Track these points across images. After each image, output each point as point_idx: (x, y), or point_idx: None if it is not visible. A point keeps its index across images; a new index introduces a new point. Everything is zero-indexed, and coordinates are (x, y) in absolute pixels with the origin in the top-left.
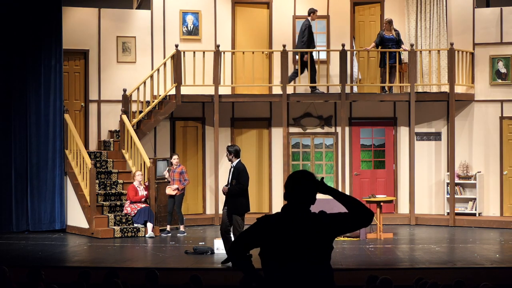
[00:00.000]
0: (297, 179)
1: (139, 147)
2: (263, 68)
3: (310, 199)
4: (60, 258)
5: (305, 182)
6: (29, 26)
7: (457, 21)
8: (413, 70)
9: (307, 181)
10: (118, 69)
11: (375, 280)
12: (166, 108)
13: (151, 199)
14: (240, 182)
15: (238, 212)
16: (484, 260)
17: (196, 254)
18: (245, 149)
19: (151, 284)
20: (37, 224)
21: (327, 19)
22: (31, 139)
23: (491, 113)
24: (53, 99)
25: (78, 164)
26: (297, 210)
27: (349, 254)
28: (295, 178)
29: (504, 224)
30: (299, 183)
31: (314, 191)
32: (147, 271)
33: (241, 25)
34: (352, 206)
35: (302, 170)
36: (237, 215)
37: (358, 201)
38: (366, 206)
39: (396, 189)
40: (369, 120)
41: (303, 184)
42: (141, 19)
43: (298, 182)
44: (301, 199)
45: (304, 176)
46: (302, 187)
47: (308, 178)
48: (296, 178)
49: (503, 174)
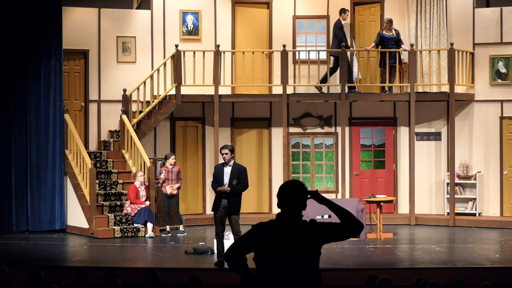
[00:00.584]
0: (287, 189)
1: (139, 147)
2: (263, 68)
3: (300, 207)
4: (60, 258)
5: (294, 192)
6: (29, 26)
7: (457, 21)
8: (413, 70)
9: (296, 191)
10: (118, 69)
11: (375, 280)
12: (166, 108)
13: (151, 199)
14: (244, 181)
15: (238, 212)
16: (484, 260)
17: (196, 254)
18: (245, 149)
19: (151, 284)
20: (37, 224)
21: (327, 19)
22: (31, 139)
23: (491, 113)
24: (53, 99)
25: (78, 164)
26: (288, 218)
27: (349, 254)
28: (285, 188)
29: (504, 224)
30: (288, 193)
31: (303, 200)
32: (147, 271)
33: (241, 25)
34: (344, 217)
35: (292, 180)
36: (237, 214)
37: (350, 213)
38: (357, 218)
39: (396, 189)
40: (369, 120)
41: (292, 194)
42: (141, 19)
43: (288, 192)
44: (291, 208)
45: (293, 187)
46: (292, 196)
47: (296, 188)
48: (286, 188)
49: (503, 174)
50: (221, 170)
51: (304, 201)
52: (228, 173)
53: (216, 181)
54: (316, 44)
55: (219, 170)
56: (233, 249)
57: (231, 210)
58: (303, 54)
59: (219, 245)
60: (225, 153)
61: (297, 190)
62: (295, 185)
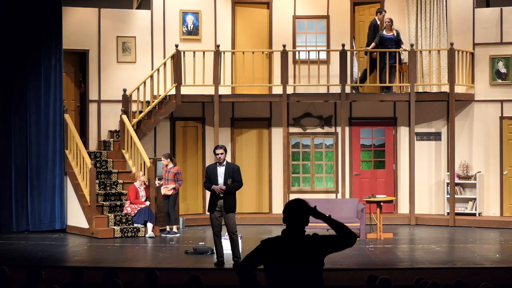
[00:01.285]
0: (291, 207)
1: (139, 147)
2: (263, 68)
3: (303, 223)
4: (60, 258)
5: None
6: (29, 26)
7: (457, 21)
8: (413, 70)
9: (299, 208)
10: (118, 69)
11: (375, 280)
12: (166, 108)
13: (151, 199)
14: (238, 179)
15: (234, 210)
16: (484, 260)
17: (196, 254)
18: (245, 149)
19: (151, 284)
20: (37, 224)
21: (327, 19)
22: (31, 139)
23: (491, 113)
24: (53, 99)
25: (78, 164)
26: (293, 233)
27: (349, 254)
28: (289, 206)
29: (504, 224)
30: (292, 210)
31: (306, 217)
32: (147, 271)
33: (241, 25)
34: (340, 230)
35: (296, 199)
36: (234, 213)
37: (344, 226)
38: (351, 230)
39: (396, 189)
40: (369, 120)
41: (296, 211)
42: (141, 19)
43: (292, 210)
44: (295, 223)
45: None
46: (296, 213)
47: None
48: (290, 206)
49: (503, 174)
50: (215, 170)
51: (306, 217)
52: (222, 172)
53: (210, 181)
54: (316, 44)
55: (212, 170)
56: (244, 263)
57: (228, 208)
58: (303, 54)
59: (218, 245)
60: (220, 153)
61: (299, 208)
62: (298, 204)
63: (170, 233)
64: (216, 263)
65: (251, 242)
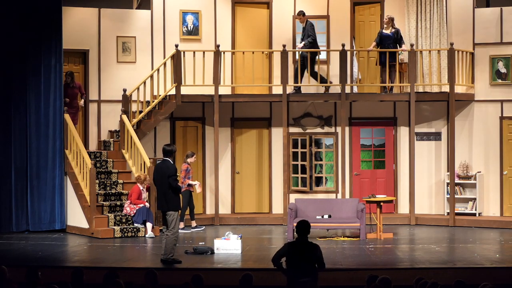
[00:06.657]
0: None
1: (139, 147)
2: (263, 68)
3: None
4: (60, 258)
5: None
6: (29, 26)
7: (457, 21)
8: (413, 70)
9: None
10: (118, 69)
11: (375, 280)
12: (166, 108)
13: (151, 199)
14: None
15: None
16: (484, 260)
17: (196, 254)
18: (245, 149)
19: (151, 284)
20: (37, 224)
21: (327, 19)
22: (31, 139)
23: (491, 113)
24: (53, 99)
25: (78, 164)
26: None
27: (349, 254)
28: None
29: (504, 224)
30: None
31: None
32: (147, 271)
33: (241, 25)
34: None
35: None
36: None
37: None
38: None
39: (396, 189)
40: (369, 120)
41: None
42: (141, 19)
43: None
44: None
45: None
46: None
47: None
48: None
49: (503, 174)
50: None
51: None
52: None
53: None
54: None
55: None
56: (275, 257)
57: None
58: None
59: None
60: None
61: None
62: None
63: (198, 227)
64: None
65: (251, 242)
